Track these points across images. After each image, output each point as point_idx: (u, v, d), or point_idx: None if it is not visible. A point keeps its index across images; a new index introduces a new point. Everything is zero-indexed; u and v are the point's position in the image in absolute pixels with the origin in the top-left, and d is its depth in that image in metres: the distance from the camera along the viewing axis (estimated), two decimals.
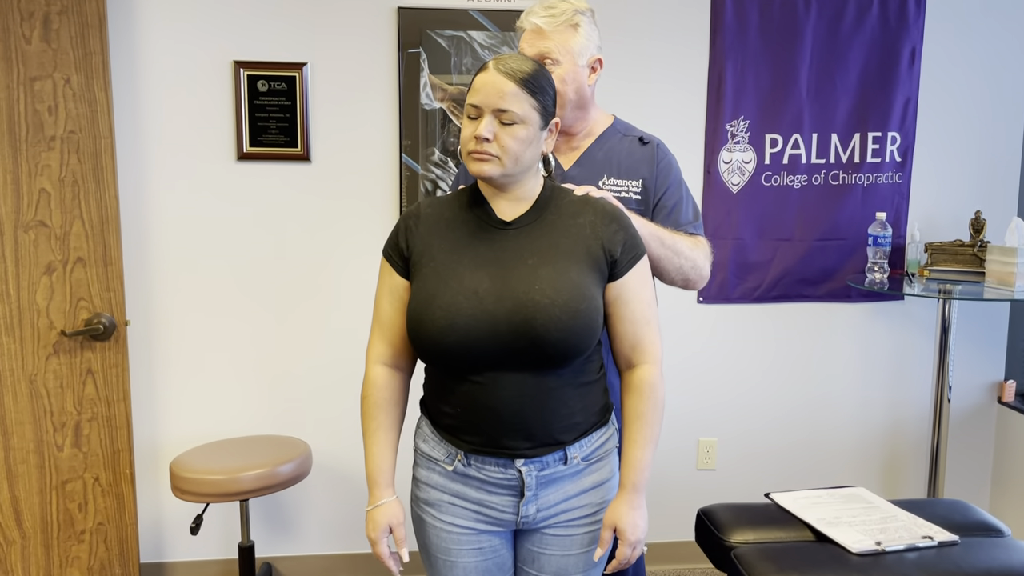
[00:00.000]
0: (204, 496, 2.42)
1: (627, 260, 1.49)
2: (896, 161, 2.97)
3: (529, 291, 1.41)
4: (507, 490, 1.50)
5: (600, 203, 1.53)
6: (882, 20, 2.88)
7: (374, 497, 1.54)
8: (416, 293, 1.47)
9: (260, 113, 2.75)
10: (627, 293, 1.49)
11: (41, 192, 2.40)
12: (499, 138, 1.41)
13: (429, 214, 1.53)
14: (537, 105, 1.44)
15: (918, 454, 3.14)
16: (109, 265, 2.47)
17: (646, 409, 1.50)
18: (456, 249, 1.48)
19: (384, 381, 1.55)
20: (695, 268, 1.79)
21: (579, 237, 1.48)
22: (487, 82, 1.42)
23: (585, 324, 1.42)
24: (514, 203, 1.50)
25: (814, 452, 3.11)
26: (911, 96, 2.93)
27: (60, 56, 2.37)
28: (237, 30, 2.72)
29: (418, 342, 1.46)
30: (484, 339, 1.40)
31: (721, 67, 2.86)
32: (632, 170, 1.83)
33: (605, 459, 1.55)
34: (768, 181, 2.94)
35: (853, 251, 2.98)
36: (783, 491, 1.91)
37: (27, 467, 2.47)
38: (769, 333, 3.04)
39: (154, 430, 2.86)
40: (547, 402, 1.45)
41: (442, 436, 1.52)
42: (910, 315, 3.06)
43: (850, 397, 3.10)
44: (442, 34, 2.76)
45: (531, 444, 1.46)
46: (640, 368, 1.52)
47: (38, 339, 2.44)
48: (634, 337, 1.51)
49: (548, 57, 1.75)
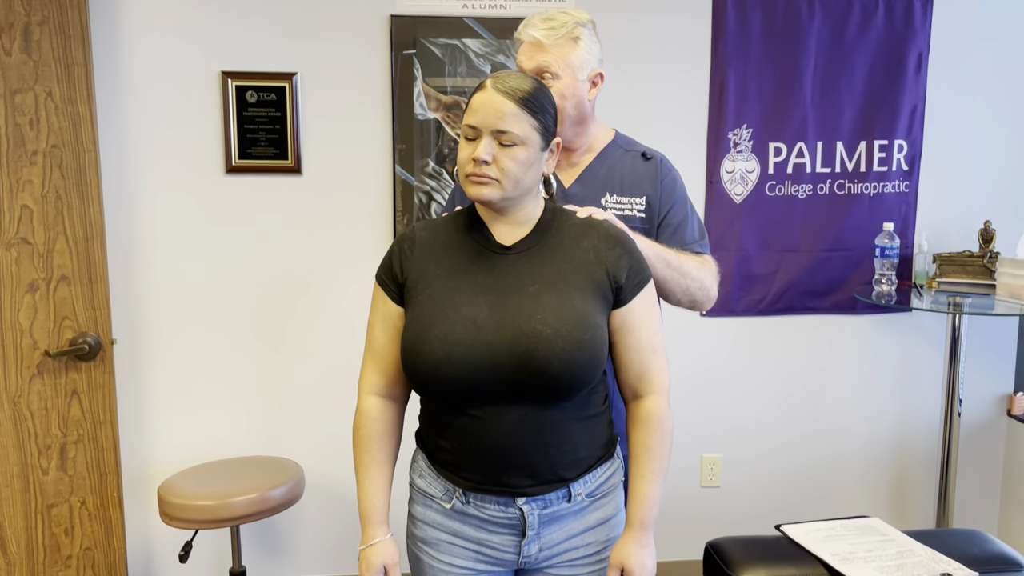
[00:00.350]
0: (193, 523, 2.35)
1: (633, 286, 1.42)
2: (903, 170, 2.91)
3: (531, 320, 1.33)
4: (508, 529, 1.42)
5: (604, 226, 1.46)
6: (888, 25, 2.83)
7: (367, 536, 1.46)
8: (411, 322, 1.39)
9: (249, 125, 2.69)
10: (633, 320, 1.42)
11: (23, 208, 2.35)
12: (498, 160, 1.34)
13: (424, 237, 1.46)
14: (538, 125, 1.37)
15: (927, 468, 3.08)
16: (94, 283, 2.42)
17: (654, 442, 1.43)
18: (453, 275, 1.40)
19: (377, 412, 1.48)
20: (702, 289, 1.73)
21: (582, 262, 1.40)
22: (485, 102, 1.34)
23: (590, 355, 1.34)
24: (514, 226, 1.43)
25: (821, 467, 3.06)
26: (918, 103, 2.88)
27: (41, 68, 2.32)
28: (225, 40, 2.66)
29: (413, 374, 1.38)
30: (483, 371, 1.33)
31: (723, 74, 2.80)
32: (635, 187, 1.76)
33: (610, 494, 1.48)
34: (772, 191, 2.89)
35: (859, 262, 2.93)
36: (793, 522, 1.84)
37: (11, 491, 2.42)
38: (774, 346, 2.98)
39: (142, 452, 2.80)
40: (550, 437, 1.38)
41: (439, 472, 1.45)
42: (918, 327, 3.01)
43: (857, 411, 3.04)
44: (436, 42, 2.69)
45: (533, 481, 1.39)
46: (647, 399, 1.45)
47: (21, 360, 2.39)
48: (640, 366, 1.44)
49: (547, 71, 1.68)
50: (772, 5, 2.78)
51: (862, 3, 2.80)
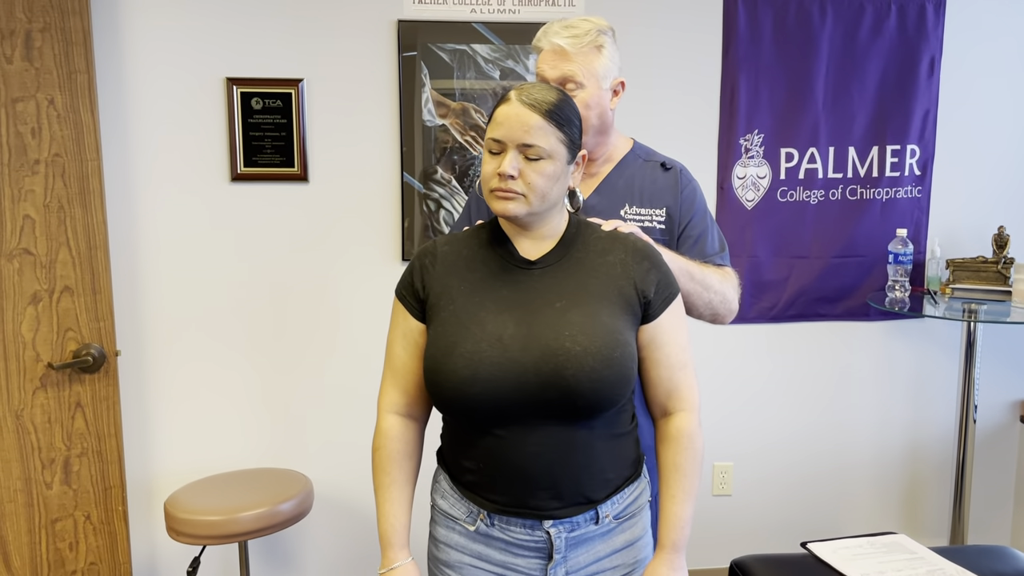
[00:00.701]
0: (201, 539, 2.33)
1: (661, 300, 1.39)
2: (915, 175, 2.90)
3: (559, 337, 1.30)
4: (534, 552, 1.39)
5: (631, 239, 1.42)
6: (900, 29, 2.81)
7: (388, 559, 1.43)
8: (434, 339, 1.36)
9: (254, 132, 2.66)
10: (662, 336, 1.39)
11: (25, 219, 2.31)
12: (524, 175, 1.31)
13: (446, 252, 1.42)
14: (564, 138, 1.33)
15: (939, 475, 3.07)
16: (98, 293, 2.39)
17: (684, 461, 1.40)
18: (477, 291, 1.37)
19: (398, 432, 1.45)
20: (724, 302, 1.70)
21: (610, 277, 1.37)
22: (510, 115, 1.31)
23: (620, 373, 1.31)
24: (538, 241, 1.40)
25: (833, 475, 3.05)
26: (930, 107, 2.87)
27: (43, 76, 2.29)
28: (229, 45, 2.64)
29: (437, 393, 1.35)
30: (510, 390, 1.29)
31: (734, 79, 2.79)
32: (655, 198, 1.73)
33: (637, 515, 1.45)
34: (784, 197, 2.87)
35: (872, 268, 2.92)
36: (819, 540, 1.81)
37: (15, 506, 2.39)
38: (785, 354, 2.97)
39: (147, 465, 2.78)
40: (577, 458, 1.34)
41: (463, 493, 1.42)
42: (930, 333, 3.00)
43: (870, 417, 3.03)
44: (444, 47, 2.66)
45: (560, 504, 1.35)
46: (677, 416, 1.42)
47: (24, 372, 2.36)
48: (670, 383, 1.41)
49: (572, 80, 1.65)
50: (783, 9, 2.77)
51: (874, 7, 2.79)
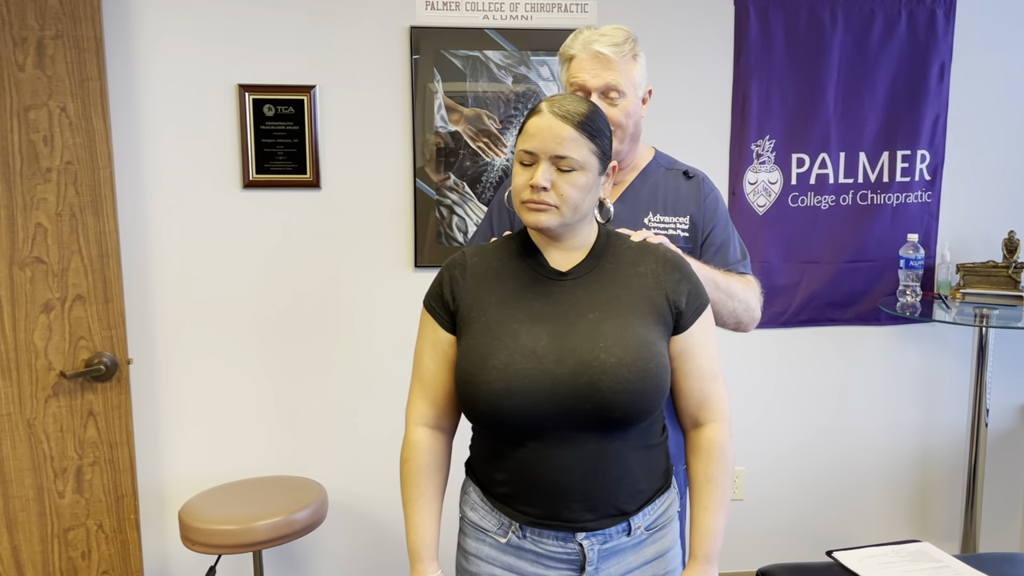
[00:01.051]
0: (216, 548, 2.33)
1: (692, 311, 1.39)
2: (926, 180, 2.92)
3: (593, 349, 1.30)
4: (566, 564, 1.39)
5: (661, 250, 1.43)
6: (910, 35, 2.83)
7: (417, 572, 1.43)
8: (466, 351, 1.36)
9: (267, 139, 2.67)
10: (693, 347, 1.39)
11: (37, 227, 2.31)
12: (557, 186, 1.31)
13: (476, 263, 1.42)
14: (596, 149, 1.34)
15: (950, 480, 3.09)
16: (110, 302, 2.38)
17: (716, 472, 1.40)
18: (508, 303, 1.37)
19: (427, 444, 1.44)
20: (748, 310, 1.71)
21: (641, 287, 1.37)
22: (543, 127, 1.31)
23: (654, 384, 1.31)
24: (569, 252, 1.40)
25: (844, 480, 3.06)
26: (940, 113, 2.89)
27: (55, 83, 2.29)
28: (241, 52, 2.64)
29: (470, 405, 1.35)
30: (544, 402, 1.29)
31: (746, 85, 2.81)
32: (679, 206, 1.74)
33: (668, 526, 1.45)
34: (795, 202, 2.89)
35: (883, 273, 2.94)
36: (844, 549, 1.82)
37: (27, 515, 2.38)
38: (797, 358, 2.99)
39: (159, 473, 2.78)
40: (611, 469, 1.34)
41: (494, 505, 1.41)
42: (940, 338, 3.02)
43: (880, 422, 3.05)
44: (457, 54, 2.67)
45: (594, 516, 1.35)
46: (708, 427, 1.42)
47: (36, 381, 2.35)
48: (701, 394, 1.41)
49: (616, 89, 1.65)
50: (795, 15, 2.78)
51: (885, 13, 2.81)
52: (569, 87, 1.71)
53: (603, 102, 1.66)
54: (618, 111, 1.66)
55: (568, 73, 1.71)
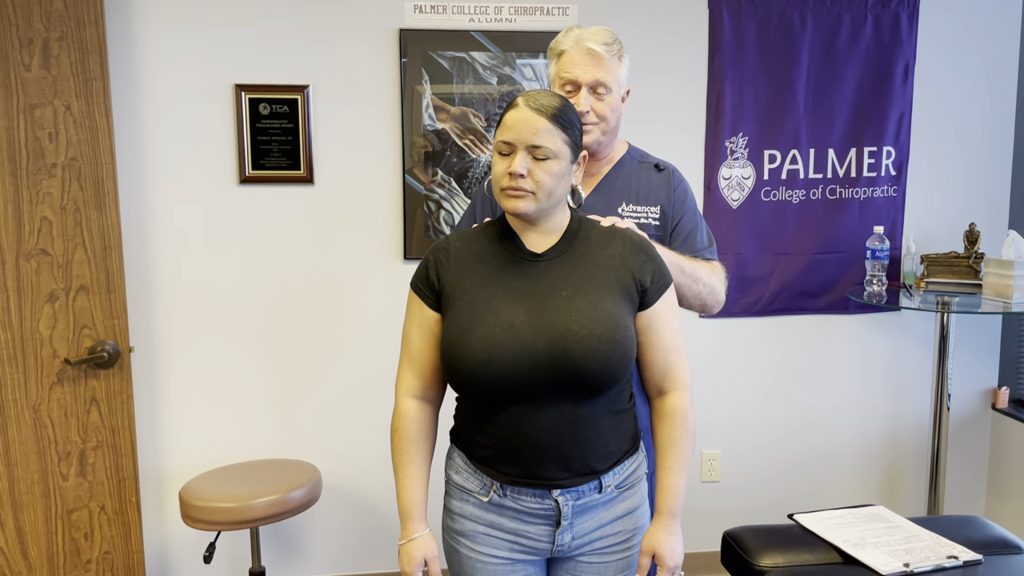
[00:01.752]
0: (215, 524, 2.41)
1: (656, 289, 1.51)
2: (891, 175, 3.03)
3: (566, 322, 1.42)
4: (543, 519, 1.51)
5: (628, 234, 1.55)
6: (876, 37, 2.94)
7: (407, 531, 1.54)
8: (451, 327, 1.47)
9: (262, 136, 2.74)
10: (657, 321, 1.51)
11: (43, 220, 2.38)
12: (533, 173, 1.43)
13: (458, 247, 1.54)
14: (568, 139, 1.45)
15: (917, 460, 3.20)
16: (112, 292, 2.45)
17: (679, 435, 1.52)
18: (489, 282, 1.48)
19: (415, 414, 1.56)
20: (712, 293, 1.82)
21: (610, 267, 1.49)
22: (519, 119, 1.43)
23: (622, 354, 1.43)
24: (544, 235, 1.52)
25: (816, 461, 3.16)
26: (905, 111, 2.99)
27: (60, 83, 2.35)
28: (238, 53, 2.71)
29: (456, 375, 1.46)
30: (523, 371, 1.41)
31: (720, 85, 2.90)
32: (650, 196, 1.85)
33: (636, 486, 1.57)
34: (767, 196, 2.99)
35: (851, 264, 3.04)
36: (804, 512, 1.94)
37: (32, 497, 2.45)
38: (770, 346, 3.08)
39: (159, 457, 2.85)
40: (584, 432, 1.46)
41: (476, 467, 1.53)
42: (907, 325, 3.12)
43: (850, 406, 3.15)
44: (444, 55, 2.77)
45: (568, 474, 1.47)
46: (671, 395, 1.54)
47: (42, 368, 2.42)
48: (664, 364, 1.53)
49: (604, 85, 1.77)
50: (766, 19, 2.89)
51: (851, 16, 2.92)
52: (558, 80, 1.81)
53: (591, 96, 1.77)
54: (604, 105, 1.78)
55: (558, 67, 1.81)
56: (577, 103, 1.75)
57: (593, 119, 1.77)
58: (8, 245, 2.35)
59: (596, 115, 1.78)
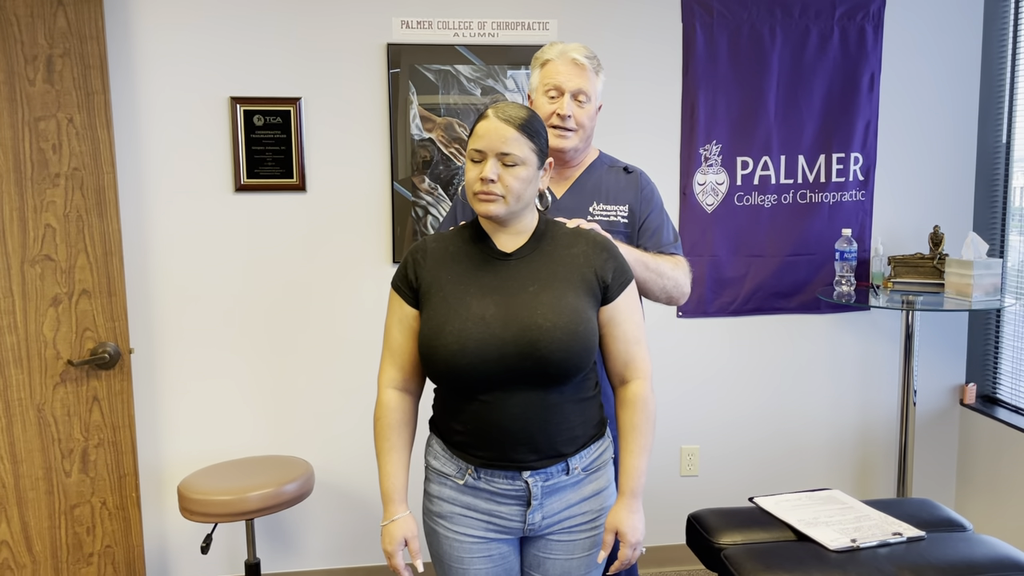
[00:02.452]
0: (212, 516, 2.49)
1: (617, 285, 1.62)
2: (859, 180, 3.13)
3: (532, 316, 1.53)
4: (514, 500, 1.61)
5: (591, 234, 1.67)
6: (843, 48, 3.05)
7: (389, 512, 1.64)
8: (427, 321, 1.59)
9: (256, 146, 2.83)
10: (619, 315, 1.63)
11: (47, 227, 2.45)
12: (503, 179, 1.54)
13: (435, 248, 1.65)
14: (534, 147, 1.57)
15: (887, 454, 3.29)
16: (113, 296, 2.52)
17: (640, 421, 1.63)
18: (462, 280, 1.60)
19: (396, 404, 1.66)
20: (677, 287, 1.95)
21: (574, 265, 1.61)
22: (490, 129, 1.54)
23: (584, 344, 1.55)
24: (514, 236, 1.63)
25: (791, 455, 3.25)
26: (871, 119, 3.10)
27: (63, 96, 2.43)
28: (233, 67, 2.80)
29: (431, 365, 1.57)
30: (492, 361, 1.52)
31: (693, 95, 3.01)
32: (619, 196, 1.98)
33: (603, 469, 1.68)
34: (740, 201, 3.09)
35: (822, 265, 3.14)
36: (765, 495, 2.05)
37: (36, 493, 2.52)
38: (745, 344, 3.18)
39: (158, 454, 2.93)
40: (550, 417, 1.57)
41: (453, 452, 1.64)
42: (876, 324, 3.22)
43: (822, 402, 3.24)
44: (429, 68, 2.89)
45: (537, 457, 1.58)
46: (633, 383, 1.65)
47: (45, 369, 2.49)
48: (626, 355, 1.64)
49: (585, 94, 1.91)
50: (737, 32, 3.00)
51: (819, 29, 3.03)
52: (543, 86, 1.95)
53: (573, 103, 1.91)
54: (583, 113, 1.92)
55: (542, 74, 1.95)
56: (560, 107, 1.89)
57: (573, 125, 1.90)
58: (14, 251, 2.42)
59: (576, 121, 1.91)
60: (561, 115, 1.90)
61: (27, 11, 2.39)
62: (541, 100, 1.94)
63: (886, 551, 1.87)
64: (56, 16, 2.42)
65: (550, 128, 1.91)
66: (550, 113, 1.91)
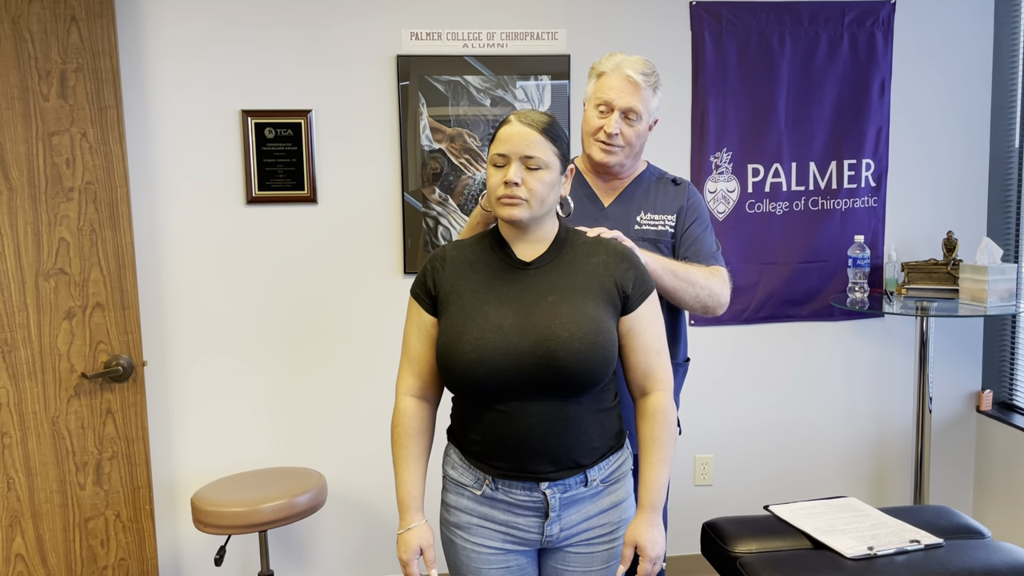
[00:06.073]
0: (225, 528, 2.49)
1: (638, 295, 1.62)
2: (871, 186, 3.12)
3: (551, 325, 1.53)
4: (532, 511, 1.61)
5: (612, 243, 1.66)
6: (853, 55, 3.05)
7: (405, 521, 1.64)
8: (445, 329, 1.58)
9: (268, 159, 2.85)
10: (639, 326, 1.62)
11: (60, 241, 2.47)
12: (526, 182, 1.55)
13: (454, 256, 1.66)
14: (557, 151, 1.58)
15: (903, 462, 3.27)
16: (126, 309, 2.54)
17: (660, 433, 1.62)
18: (481, 288, 1.60)
19: (413, 411, 1.66)
20: (712, 295, 1.93)
21: (594, 275, 1.60)
22: (512, 133, 1.55)
23: (602, 355, 1.54)
24: (534, 244, 1.63)
25: (805, 464, 3.24)
26: (883, 125, 3.09)
27: (77, 111, 2.45)
28: (244, 81, 2.82)
29: (448, 374, 1.57)
30: (510, 371, 1.52)
31: (703, 103, 3.01)
32: (666, 206, 2.01)
33: (621, 480, 1.67)
34: (752, 208, 3.09)
35: (834, 272, 3.13)
36: (780, 503, 2.04)
37: (51, 506, 2.53)
38: (758, 353, 3.17)
39: (171, 466, 2.93)
40: (569, 428, 1.56)
41: (470, 463, 1.63)
42: (890, 331, 3.21)
43: (836, 410, 3.22)
44: (439, 79, 2.90)
45: (555, 468, 1.58)
46: (653, 395, 1.64)
47: (60, 382, 2.50)
48: (646, 366, 1.63)
49: (635, 112, 1.91)
50: (746, 40, 3.00)
51: (829, 35, 3.03)
52: (594, 99, 1.95)
53: (622, 121, 1.91)
54: (632, 132, 1.92)
55: (596, 87, 1.95)
56: (608, 125, 1.89)
57: (620, 143, 1.91)
58: (28, 265, 2.44)
59: (623, 139, 1.91)
60: (608, 132, 1.90)
61: (41, 27, 2.42)
62: (592, 112, 1.95)
63: (904, 559, 1.85)
64: (70, 32, 2.44)
65: (595, 142, 1.92)
66: (597, 128, 1.92)
